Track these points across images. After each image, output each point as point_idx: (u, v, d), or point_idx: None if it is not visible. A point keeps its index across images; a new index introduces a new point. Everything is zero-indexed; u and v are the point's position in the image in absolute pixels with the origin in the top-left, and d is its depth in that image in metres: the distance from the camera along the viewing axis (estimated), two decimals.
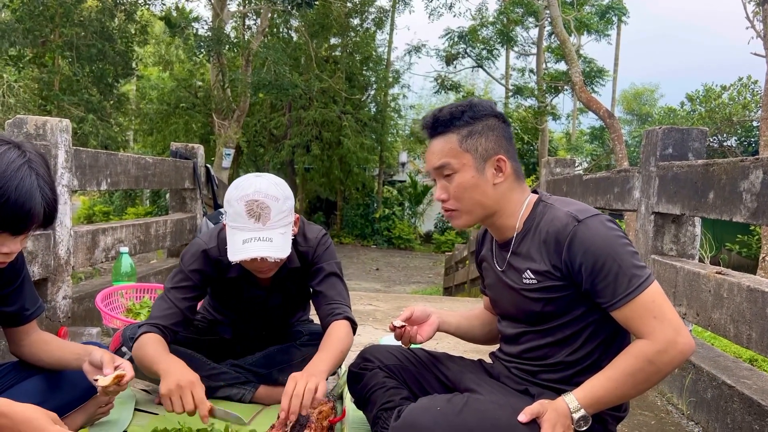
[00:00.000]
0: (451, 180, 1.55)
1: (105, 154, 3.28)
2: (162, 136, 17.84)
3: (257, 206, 1.78)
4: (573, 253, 1.42)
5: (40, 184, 1.40)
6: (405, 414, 1.47)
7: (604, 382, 1.41)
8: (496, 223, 1.60)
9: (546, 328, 1.55)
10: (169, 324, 1.92)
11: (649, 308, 1.36)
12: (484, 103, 1.58)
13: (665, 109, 22.50)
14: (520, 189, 1.59)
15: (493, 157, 1.53)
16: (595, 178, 3.58)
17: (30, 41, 12.31)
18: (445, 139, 1.55)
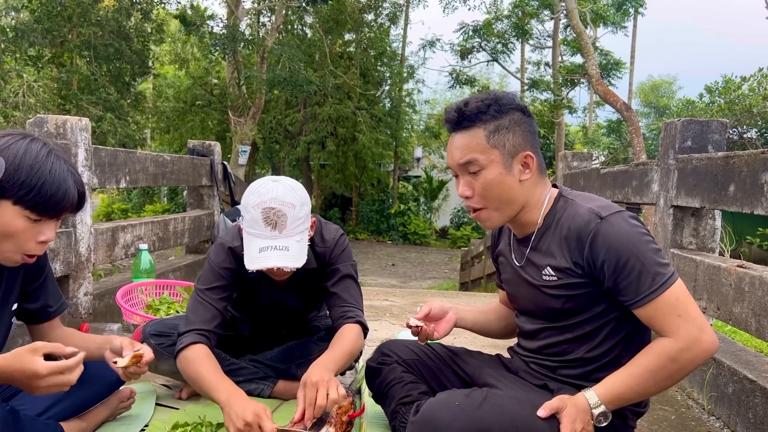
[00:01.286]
0: (477, 176, 1.51)
1: (123, 152, 3.32)
2: (179, 134, 17.98)
3: (274, 214, 1.77)
4: (595, 251, 1.41)
5: (69, 168, 1.47)
6: (424, 409, 1.48)
7: (625, 378, 1.40)
8: (519, 219, 1.57)
9: (566, 325, 1.54)
10: (212, 327, 1.89)
11: (674, 306, 1.35)
12: (509, 96, 1.54)
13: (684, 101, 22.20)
14: (542, 183, 1.56)
15: (520, 153, 1.50)
16: (613, 172, 3.55)
17: (49, 41, 12.47)
18: (471, 134, 1.51)
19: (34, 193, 1.39)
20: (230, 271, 1.96)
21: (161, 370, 2.11)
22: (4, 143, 1.40)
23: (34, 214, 1.41)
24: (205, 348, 1.82)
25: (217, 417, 1.89)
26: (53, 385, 1.37)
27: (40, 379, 1.36)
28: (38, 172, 1.40)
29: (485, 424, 1.39)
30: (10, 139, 1.41)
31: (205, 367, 1.76)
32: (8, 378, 1.37)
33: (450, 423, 1.39)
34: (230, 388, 1.70)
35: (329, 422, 1.70)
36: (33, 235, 1.44)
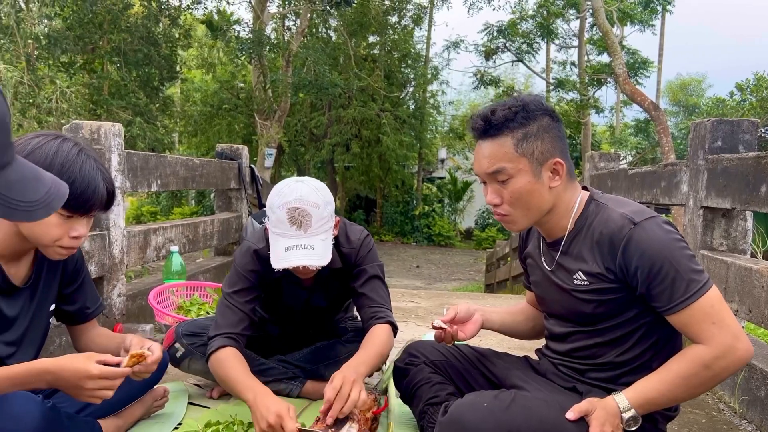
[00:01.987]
0: (505, 185, 1.49)
1: (155, 156, 3.40)
2: (206, 138, 18.24)
3: (298, 213, 1.80)
4: (628, 257, 1.39)
5: (99, 167, 1.52)
6: (452, 409, 1.48)
7: (656, 384, 1.39)
8: (549, 223, 1.56)
9: (596, 329, 1.53)
10: (240, 330, 1.93)
11: (708, 313, 1.33)
12: (536, 101, 1.51)
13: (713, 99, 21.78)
14: (572, 187, 1.54)
15: (549, 161, 1.48)
16: (641, 173, 3.52)
17: (80, 48, 12.77)
18: (498, 143, 1.49)
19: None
20: (255, 273, 2.00)
21: (193, 369, 2.16)
22: (37, 143, 1.45)
23: (65, 211, 1.46)
24: (234, 350, 1.87)
25: (248, 416, 1.92)
26: (98, 389, 1.43)
27: (91, 380, 1.42)
28: (69, 171, 1.44)
29: (513, 426, 1.39)
30: (42, 140, 1.47)
31: (234, 369, 1.82)
32: (58, 378, 1.43)
33: (478, 424, 1.40)
34: (257, 389, 1.74)
35: (352, 419, 1.72)
36: (66, 231, 1.49)
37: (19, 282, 1.58)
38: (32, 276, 1.62)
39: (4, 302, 1.55)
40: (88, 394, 1.44)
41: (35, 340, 1.69)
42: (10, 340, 1.58)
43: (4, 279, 1.53)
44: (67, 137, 1.52)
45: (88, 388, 1.43)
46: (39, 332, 1.70)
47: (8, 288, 1.55)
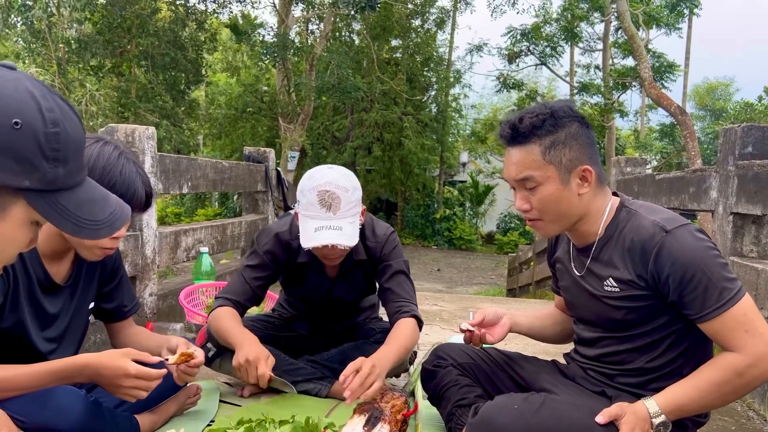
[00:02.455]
0: (534, 192, 1.51)
1: (186, 159, 3.47)
2: (230, 140, 18.43)
3: (328, 196, 1.90)
4: (660, 265, 1.40)
5: (138, 170, 1.59)
6: (482, 411, 1.50)
7: (688, 390, 1.39)
8: (579, 229, 1.57)
9: (626, 335, 1.53)
10: (241, 300, 2.12)
11: (741, 322, 1.33)
12: (565, 107, 1.51)
13: (741, 103, 21.43)
14: (602, 193, 1.54)
15: (578, 168, 1.48)
16: (669, 178, 3.49)
17: (109, 52, 13.03)
18: (526, 150, 1.49)
19: None
20: (271, 254, 2.11)
21: (225, 369, 2.20)
22: None
23: None
24: (232, 310, 2.08)
25: (279, 414, 1.97)
26: (134, 387, 1.49)
27: (127, 378, 1.47)
28: (110, 174, 1.50)
29: (543, 428, 1.40)
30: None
31: (227, 320, 2.05)
32: (96, 374, 1.48)
33: (508, 426, 1.41)
34: (247, 336, 1.98)
35: (383, 419, 1.75)
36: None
37: (60, 280, 1.64)
38: (73, 274, 1.68)
39: (46, 299, 1.60)
40: (123, 392, 1.50)
41: (75, 336, 1.75)
42: (52, 336, 1.64)
43: (46, 277, 1.59)
44: (107, 140, 1.58)
45: (124, 386, 1.48)
46: (79, 329, 1.76)
47: (51, 286, 1.61)
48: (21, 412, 1.42)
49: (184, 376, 1.73)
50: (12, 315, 1.52)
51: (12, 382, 1.44)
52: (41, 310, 1.59)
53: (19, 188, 0.83)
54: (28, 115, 0.80)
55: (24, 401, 1.45)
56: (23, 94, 0.81)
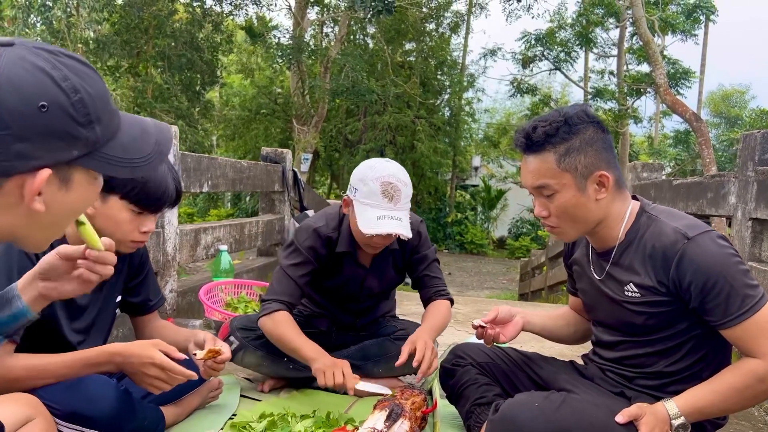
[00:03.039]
0: (551, 199, 1.51)
1: (207, 158, 3.52)
2: (243, 141, 18.54)
3: (391, 188, 1.97)
4: (682, 272, 1.40)
5: (169, 166, 1.64)
6: (503, 408, 1.52)
7: (708, 394, 1.40)
8: (598, 233, 1.57)
9: (646, 339, 1.54)
10: (292, 300, 2.15)
11: (763, 328, 1.33)
12: (580, 113, 1.50)
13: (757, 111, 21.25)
14: (621, 198, 1.54)
15: (594, 173, 1.47)
16: (687, 183, 3.50)
17: (126, 52, 13.17)
18: (541, 158, 1.49)
19: (139, 190, 1.55)
20: (313, 250, 2.15)
21: (246, 362, 2.24)
22: None
23: (137, 208, 1.57)
24: (288, 314, 2.09)
25: (300, 409, 2.00)
26: (156, 378, 1.53)
27: (153, 367, 1.51)
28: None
29: (564, 426, 1.41)
30: None
31: (290, 329, 2.07)
32: (126, 362, 1.52)
33: (530, 423, 1.43)
34: (316, 347, 2.04)
35: (404, 416, 1.77)
36: (137, 226, 1.60)
37: None
38: None
39: None
40: (148, 381, 1.53)
41: (103, 328, 1.79)
42: (80, 327, 1.68)
43: None
44: None
45: (149, 374, 1.52)
46: (107, 321, 1.80)
47: None
48: (54, 399, 1.46)
49: (210, 371, 1.77)
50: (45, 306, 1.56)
51: (45, 370, 1.48)
52: (71, 301, 1.62)
53: (71, 160, 0.85)
54: (49, 94, 0.80)
55: (57, 389, 1.49)
56: (35, 74, 0.80)
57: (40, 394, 1.45)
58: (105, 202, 1.55)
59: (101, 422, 1.51)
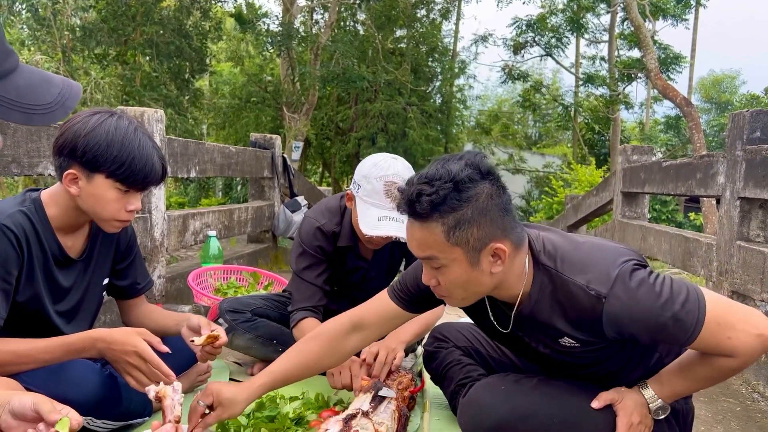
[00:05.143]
0: (440, 272, 1.34)
1: (194, 143, 3.48)
2: (233, 130, 18.40)
3: (395, 188, 1.90)
4: (617, 329, 1.30)
5: (153, 145, 1.59)
6: (471, 391, 1.51)
7: (683, 381, 1.38)
8: (498, 295, 1.43)
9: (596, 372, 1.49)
10: (316, 303, 2.11)
11: (717, 332, 1.26)
12: (471, 175, 1.27)
13: (747, 96, 21.34)
14: (519, 255, 1.36)
15: (488, 246, 1.29)
16: (676, 164, 3.50)
17: (114, 40, 13.00)
18: (427, 229, 1.29)
19: (125, 168, 1.51)
20: (321, 248, 2.12)
21: (235, 345, 2.23)
22: (96, 121, 1.52)
23: (124, 186, 1.54)
24: (314, 321, 2.06)
25: (289, 391, 1.99)
26: (134, 367, 1.50)
27: (135, 356, 1.49)
28: (128, 148, 1.51)
29: (530, 410, 1.40)
30: (100, 117, 1.53)
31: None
32: (108, 349, 1.50)
33: (494, 406, 1.42)
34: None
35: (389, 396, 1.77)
36: (123, 205, 1.57)
37: (74, 254, 1.65)
38: (87, 249, 1.69)
39: (60, 273, 1.62)
40: (128, 371, 1.51)
41: (89, 312, 1.76)
42: (64, 309, 1.65)
43: (60, 250, 1.60)
44: (120, 114, 1.58)
45: (130, 363, 1.49)
46: (93, 305, 1.77)
47: (64, 260, 1.62)
48: (39, 384, 1.44)
49: (207, 356, 1.75)
50: (28, 288, 1.54)
51: (26, 355, 1.46)
52: (54, 283, 1.60)
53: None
54: None
55: (41, 374, 1.47)
56: None
57: (24, 379, 1.43)
58: (90, 181, 1.52)
59: (86, 407, 1.49)
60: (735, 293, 2.58)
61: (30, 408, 1.12)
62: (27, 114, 0.90)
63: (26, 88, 0.90)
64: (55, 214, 1.58)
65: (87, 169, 1.51)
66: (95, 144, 1.49)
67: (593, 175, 13.50)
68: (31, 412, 1.13)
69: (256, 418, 1.77)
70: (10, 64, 0.88)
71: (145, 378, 1.51)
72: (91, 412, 1.54)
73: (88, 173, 1.51)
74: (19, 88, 0.89)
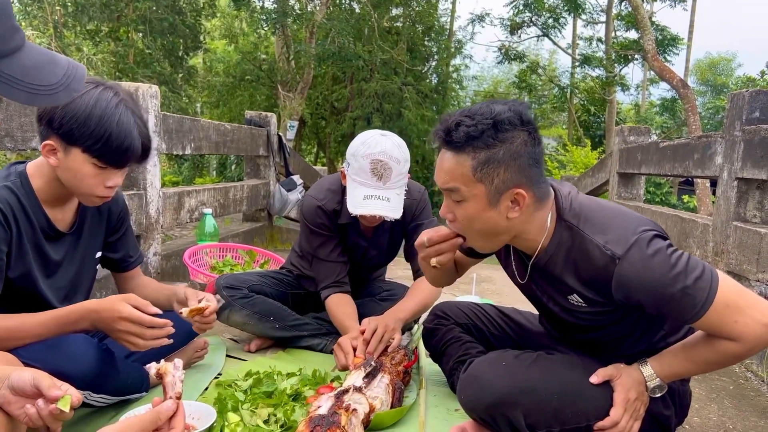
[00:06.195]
0: (458, 206, 1.37)
1: (189, 119, 3.45)
2: (228, 109, 18.24)
3: (381, 166, 1.90)
4: (625, 293, 1.31)
5: (136, 120, 1.51)
6: (471, 366, 1.50)
7: (683, 362, 1.38)
8: (517, 244, 1.46)
9: (598, 336, 1.50)
10: (339, 278, 2.16)
11: (725, 314, 1.26)
12: (511, 117, 1.30)
13: (743, 78, 21.31)
14: (541, 209, 1.38)
15: (510, 190, 1.32)
16: (673, 145, 3.49)
17: (106, 16, 12.79)
18: (457, 160, 1.32)
19: (101, 144, 1.45)
20: (324, 225, 2.13)
21: (233, 321, 2.22)
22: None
23: (100, 162, 1.48)
24: (338, 296, 2.14)
25: (286, 368, 2.00)
26: (126, 332, 1.48)
27: (122, 321, 1.47)
28: (106, 124, 1.44)
29: (530, 385, 1.40)
30: (84, 87, 1.46)
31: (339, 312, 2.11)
32: (98, 319, 1.49)
33: (494, 381, 1.42)
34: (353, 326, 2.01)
35: (383, 370, 1.78)
36: (101, 180, 1.51)
37: (64, 227, 1.62)
38: (77, 222, 1.66)
39: (50, 246, 1.59)
40: (122, 337, 1.49)
41: (83, 286, 1.73)
42: (59, 285, 1.63)
43: (48, 224, 1.57)
44: (108, 85, 1.52)
45: (120, 329, 1.48)
46: (87, 279, 1.74)
47: (54, 233, 1.59)
48: (36, 358, 1.42)
49: (202, 326, 1.74)
50: (19, 263, 1.51)
51: (19, 330, 1.45)
52: (45, 257, 1.58)
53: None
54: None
55: (40, 348, 1.46)
56: None
57: (21, 354, 1.42)
58: (67, 155, 1.47)
59: (83, 381, 1.48)
60: (730, 273, 2.59)
61: (29, 383, 1.12)
62: (31, 94, 0.88)
63: (32, 68, 0.88)
64: (40, 186, 1.54)
65: (64, 141, 1.46)
66: (72, 117, 1.43)
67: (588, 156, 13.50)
68: (30, 387, 1.12)
69: (254, 393, 1.77)
70: (16, 42, 0.86)
71: (141, 341, 1.49)
72: (89, 386, 1.53)
73: (65, 146, 1.46)
74: (24, 68, 0.87)
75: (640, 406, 1.41)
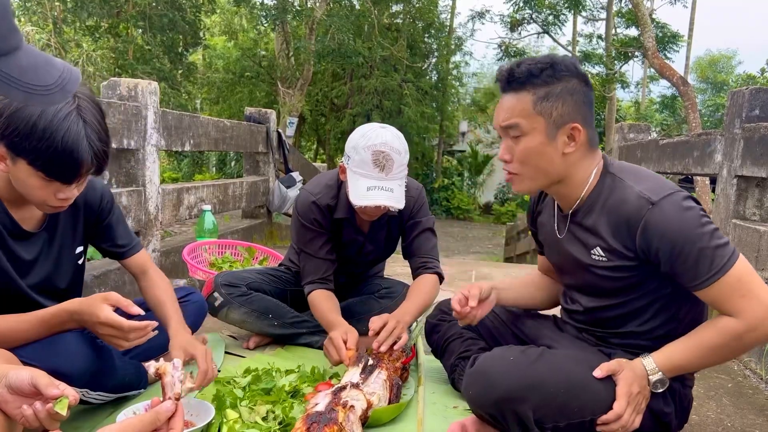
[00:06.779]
0: (517, 142, 1.44)
1: (188, 116, 3.44)
2: (227, 105, 18.23)
3: (383, 157, 1.90)
4: (648, 239, 1.36)
5: (87, 132, 1.40)
6: (479, 361, 1.51)
7: (685, 351, 1.39)
8: (560, 192, 1.52)
9: (615, 303, 1.52)
10: (324, 275, 2.15)
11: (736, 288, 1.30)
12: (567, 62, 1.43)
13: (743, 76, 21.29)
14: (590, 157, 1.48)
15: (567, 125, 1.41)
16: (673, 143, 3.49)
17: (106, 12, 12.75)
18: (518, 97, 1.43)
19: (44, 159, 1.37)
20: (317, 221, 2.12)
21: (230, 318, 2.22)
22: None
23: (47, 177, 1.40)
24: (320, 293, 2.13)
25: (285, 365, 2.00)
26: (107, 335, 1.46)
27: (100, 325, 1.45)
28: (50, 138, 1.35)
29: (537, 379, 1.40)
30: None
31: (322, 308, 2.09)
32: (81, 319, 1.47)
33: (503, 376, 1.42)
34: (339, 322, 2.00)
35: (380, 366, 1.78)
36: (51, 192, 1.44)
37: (32, 227, 1.58)
38: (47, 220, 1.61)
39: (19, 246, 1.55)
40: (105, 338, 1.48)
41: (64, 281, 1.68)
42: (35, 282, 1.59)
43: (13, 224, 1.53)
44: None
45: (100, 332, 1.46)
46: (67, 275, 1.69)
47: (20, 233, 1.55)
48: (34, 357, 1.42)
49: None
50: None
51: (6, 334, 1.43)
52: (16, 257, 1.54)
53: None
54: None
55: (37, 347, 1.46)
56: None
57: (19, 353, 1.42)
58: (15, 164, 1.39)
59: (81, 379, 1.49)
60: None
61: (27, 382, 1.11)
62: (27, 93, 0.87)
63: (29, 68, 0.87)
64: (1, 187, 1.50)
65: (10, 151, 1.39)
66: (14, 128, 1.34)
67: None
68: (28, 386, 1.12)
69: (252, 390, 1.77)
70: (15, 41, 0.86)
71: (124, 342, 1.47)
72: (87, 384, 1.53)
73: (12, 155, 1.38)
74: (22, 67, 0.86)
75: (641, 399, 1.41)
